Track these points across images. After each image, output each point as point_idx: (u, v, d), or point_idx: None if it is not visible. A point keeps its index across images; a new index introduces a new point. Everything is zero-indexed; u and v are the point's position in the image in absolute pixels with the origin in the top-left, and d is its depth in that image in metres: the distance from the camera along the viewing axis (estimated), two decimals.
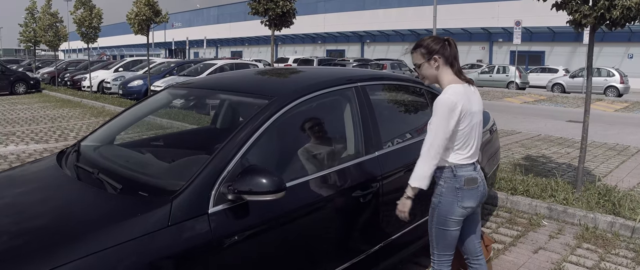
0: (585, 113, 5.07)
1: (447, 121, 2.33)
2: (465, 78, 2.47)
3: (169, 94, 3.35)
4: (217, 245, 2.06)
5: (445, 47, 2.43)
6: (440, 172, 2.48)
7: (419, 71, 2.51)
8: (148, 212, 2.00)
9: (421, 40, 2.48)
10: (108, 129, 3.23)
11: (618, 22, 4.48)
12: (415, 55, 2.48)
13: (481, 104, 2.54)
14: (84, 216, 2.09)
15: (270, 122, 2.41)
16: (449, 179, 2.45)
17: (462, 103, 2.34)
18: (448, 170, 2.45)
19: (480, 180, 2.49)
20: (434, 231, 2.53)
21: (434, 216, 2.52)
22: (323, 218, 2.58)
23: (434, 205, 2.52)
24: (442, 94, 2.38)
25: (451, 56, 2.44)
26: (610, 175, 6.54)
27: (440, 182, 2.49)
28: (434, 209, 2.52)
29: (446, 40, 2.46)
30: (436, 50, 2.42)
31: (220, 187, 2.12)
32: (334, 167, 2.70)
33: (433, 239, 2.56)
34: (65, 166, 2.73)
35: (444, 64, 2.44)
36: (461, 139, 2.40)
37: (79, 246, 1.81)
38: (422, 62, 2.47)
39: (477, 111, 2.45)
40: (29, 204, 2.29)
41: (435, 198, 2.52)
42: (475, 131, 2.45)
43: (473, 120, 2.41)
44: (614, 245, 4.10)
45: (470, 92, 2.44)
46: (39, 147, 8.24)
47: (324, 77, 3.09)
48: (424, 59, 2.45)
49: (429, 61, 2.45)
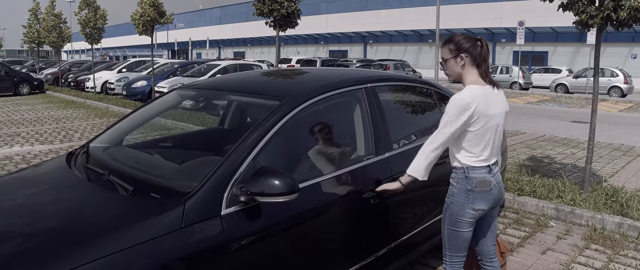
0: (592, 113, 5.06)
1: (456, 120, 2.32)
2: (490, 80, 2.45)
3: (178, 95, 3.35)
4: (230, 247, 2.05)
5: (475, 47, 2.41)
6: (453, 173, 2.49)
7: (445, 66, 2.50)
8: (161, 214, 1.99)
9: (453, 36, 2.47)
10: (116, 130, 3.23)
11: (625, 22, 4.47)
12: (444, 50, 2.47)
13: (505, 107, 2.52)
14: (96, 218, 2.09)
15: (282, 123, 2.40)
16: (461, 180, 2.45)
17: (476, 104, 2.33)
18: (460, 171, 2.45)
19: (494, 184, 2.46)
20: (446, 231, 2.54)
21: (446, 216, 2.53)
22: (334, 219, 2.57)
23: (446, 205, 2.52)
24: (460, 92, 2.37)
25: (480, 57, 2.42)
26: (617, 175, 6.52)
27: (453, 182, 2.49)
28: (446, 209, 2.52)
29: (479, 40, 2.43)
30: (465, 49, 2.40)
31: (232, 188, 2.12)
32: (344, 169, 2.69)
33: (445, 239, 2.56)
34: (75, 167, 2.72)
35: (470, 63, 2.42)
36: (473, 140, 2.39)
37: (93, 248, 1.80)
38: (449, 58, 2.45)
39: (496, 114, 2.43)
40: (41, 205, 2.29)
41: (447, 198, 2.52)
42: (492, 134, 2.43)
43: (489, 123, 2.39)
44: (622, 246, 4.09)
45: (492, 95, 2.42)
46: (44, 148, 8.26)
47: (334, 78, 3.08)
48: (451, 55, 2.44)
49: (455, 58, 2.43)
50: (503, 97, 2.52)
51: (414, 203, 3.10)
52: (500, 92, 2.50)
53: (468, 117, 2.33)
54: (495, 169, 2.51)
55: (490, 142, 2.44)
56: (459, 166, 2.45)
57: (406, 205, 3.01)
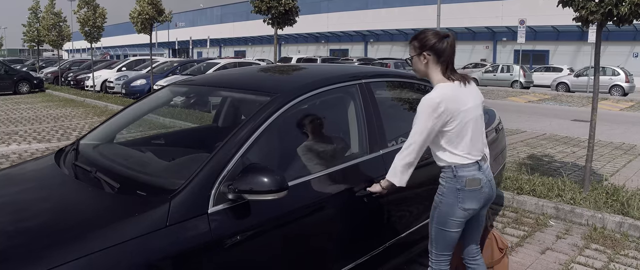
0: (592, 111, 4.99)
1: (427, 121, 2.26)
2: (458, 76, 2.36)
3: (170, 92, 3.29)
4: (217, 246, 1.99)
5: (440, 44, 2.31)
6: (442, 172, 2.43)
7: (411, 63, 2.46)
8: (145, 212, 1.94)
9: (419, 33, 2.41)
10: (108, 127, 3.18)
11: (626, 18, 4.39)
12: (410, 46, 2.43)
13: (478, 99, 2.43)
14: (80, 216, 2.03)
15: (272, 119, 2.34)
16: (449, 179, 2.38)
17: (446, 104, 2.25)
18: (448, 170, 2.38)
19: (484, 181, 2.39)
20: (434, 230, 2.47)
21: (434, 215, 2.46)
22: (326, 218, 2.51)
23: (436, 204, 2.46)
24: (429, 93, 2.31)
25: (445, 55, 2.32)
26: (617, 174, 6.45)
27: (442, 182, 2.43)
28: (435, 209, 2.46)
29: (446, 35, 2.34)
30: (429, 46, 2.33)
31: (220, 186, 2.06)
32: (337, 166, 2.63)
33: (432, 237, 2.50)
34: (64, 165, 2.67)
35: (434, 61, 2.34)
36: (454, 139, 2.32)
37: (74, 247, 1.75)
38: (413, 55, 2.41)
39: (470, 108, 2.34)
40: (25, 203, 2.24)
41: (436, 197, 2.46)
42: (470, 128, 2.34)
43: (465, 118, 2.31)
44: (623, 246, 4.02)
45: (462, 91, 2.33)
46: (41, 147, 8.21)
47: (328, 73, 3.02)
48: (415, 53, 2.39)
49: (418, 56, 2.38)
50: (474, 89, 2.42)
51: (410, 201, 3.03)
52: (470, 84, 2.41)
53: (438, 118, 2.25)
54: (484, 165, 2.43)
55: (471, 138, 2.35)
56: (446, 165, 2.39)
57: (401, 203, 2.95)
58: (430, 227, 2.50)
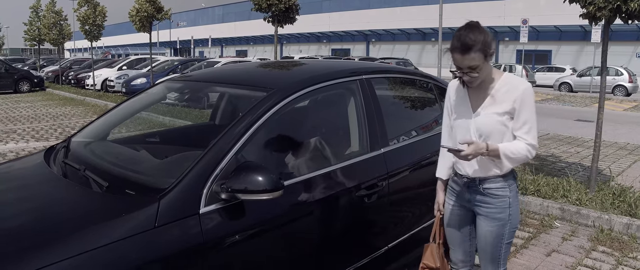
0: (599, 109, 4.88)
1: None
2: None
3: (164, 88, 3.19)
4: (209, 249, 1.89)
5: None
6: (505, 180, 2.18)
7: (476, 74, 2.02)
8: (133, 212, 1.83)
9: (476, 37, 1.96)
10: (101, 124, 3.07)
11: (636, 14, 4.27)
12: (473, 56, 1.97)
13: None
14: (65, 216, 1.93)
15: (268, 115, 2.23)
16: (513, 183, 2.21)
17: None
18: (510, 176, 2.21)
19: None
20: (505, 248, 2.25)
21: (505, 233, 2.20)
22: (324, 219, 2.40)
23: (504, 220, 2.19)
24: (521, 79, 2.12)
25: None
26: (623, 174, 6.34)
27: (507, 192, 2.18)
28: (505, 225, 2.19)
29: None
30: (491, 45, 2.02)
31: (212, 185, 1.95)
32: (336, 165, 2.52)
33: (501, 257, 2.25)
34: (53, 163, 2.57)
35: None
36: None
37: (57, 249, 1.65)
38: (481, 63, 2.00)
39: None
40: (9, 203, 2.13)
41: (502, 213, 2.18)
42: None
43: None
44: (631, 248, 3.91)
45: None
46: (38, 145, 8.12)
47: (327, 69, 2.91)
48: (486, 59, 2.01)
49: (487, 59, 2.02)
50: None
51: (413, 201, 2.93)
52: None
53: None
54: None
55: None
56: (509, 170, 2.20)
57: (404, 203, 2.85)
58: (497, 248, 2.23)
